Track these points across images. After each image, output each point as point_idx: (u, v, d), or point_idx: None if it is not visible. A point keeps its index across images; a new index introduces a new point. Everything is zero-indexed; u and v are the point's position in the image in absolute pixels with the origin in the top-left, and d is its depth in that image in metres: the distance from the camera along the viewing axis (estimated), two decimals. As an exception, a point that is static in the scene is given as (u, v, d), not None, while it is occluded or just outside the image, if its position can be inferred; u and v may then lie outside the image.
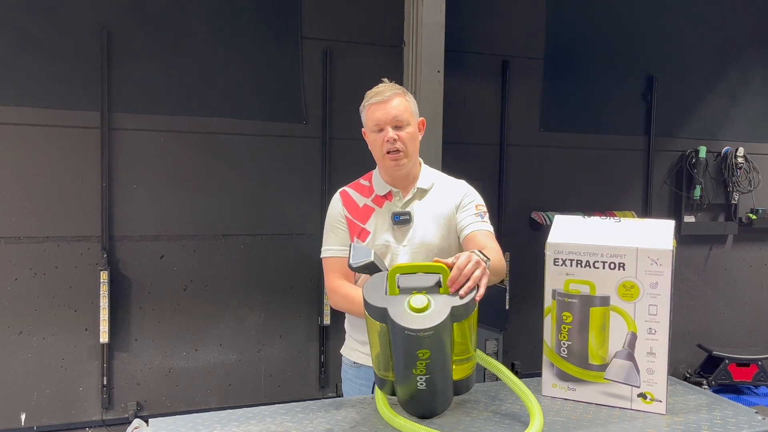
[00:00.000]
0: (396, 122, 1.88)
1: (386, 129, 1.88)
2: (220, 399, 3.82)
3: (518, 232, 4.43)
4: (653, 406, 1.54)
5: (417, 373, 1.37)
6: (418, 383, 1.39)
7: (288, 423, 1.46)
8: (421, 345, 1.33)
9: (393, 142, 1.87)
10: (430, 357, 1.34)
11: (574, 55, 4.53)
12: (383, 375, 1.49)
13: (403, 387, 1.44)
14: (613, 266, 1.56)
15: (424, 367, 1.36)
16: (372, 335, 1.46)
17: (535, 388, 1.69)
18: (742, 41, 4.93)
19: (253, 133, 3.80)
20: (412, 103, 1.95)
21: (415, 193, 1.97)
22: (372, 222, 1.96)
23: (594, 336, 1.58)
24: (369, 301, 1.39)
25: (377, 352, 1.47)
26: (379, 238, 1.94)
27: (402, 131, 1.88)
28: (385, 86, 1.93)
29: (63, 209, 3.49)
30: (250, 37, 3.78)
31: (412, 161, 1.95)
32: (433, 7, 3.76)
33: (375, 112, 1.89)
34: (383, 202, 1.97)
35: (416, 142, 1.95)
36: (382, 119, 1.88)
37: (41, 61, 3.41)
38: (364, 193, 2.01)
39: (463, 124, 4.18)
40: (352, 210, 1.99)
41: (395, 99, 1.89)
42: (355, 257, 1.57)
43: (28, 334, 3.46)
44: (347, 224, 1.98)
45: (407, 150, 1.90)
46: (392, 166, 1.91)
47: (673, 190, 4.87)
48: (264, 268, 3.86)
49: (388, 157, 1.90)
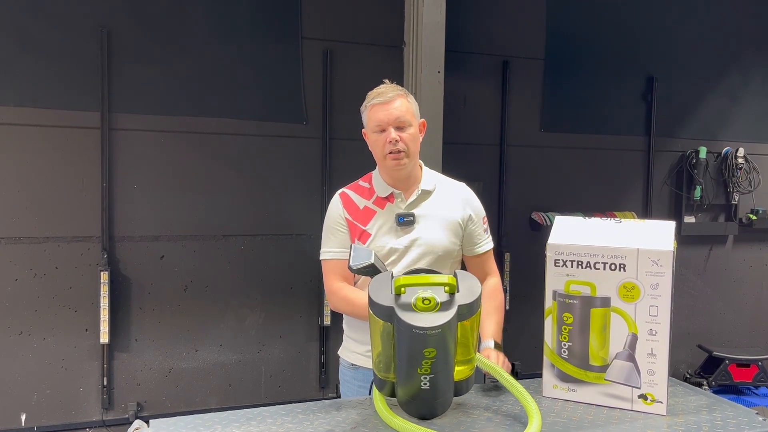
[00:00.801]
0: (398, 123, 1.88)
1: (388, 130, 1.88)
2: (220, 399, 3.81)
3: (518, 232, 4.43)
4: (654, 407, 1.54)
5: (421, 373, 1.38)
6: (422, 383, 1.39)
7: (289, 424, 1.46)
8: (428, 344, 1.33)
9: (395, 143, 1.87)
10: (435, 356, 1.35)
11: (574, 55, 4.53)
12: (384, 376, 1.49)
13: (406, 387, 1.44)
14: (613, 267, 1.56)
15: (429, 367, 1.37)
16: (374, 335, 1.46)
17: (536, 389, 1.69)
18: (742, 41, 4.93)
19: (253, 133, 3.80)
20: (414, 105, 1.95)
21: (419, 195, 1.97)
22: (373, 224, 1.95)
23: (595, 337, 1.58)
24: (375, 300, 1.39)
25: (378, 352, 1.47)
26: (381, 240, 1.93)
27: (404, 132, 1.89)
28: (387, 87, 1.93)
29: (63, 209, 3.48)
30: (251, 38, 3.77)
31: (413, 162, 1.95)
32: (434, 7, 3.76)
33: (377, 113, 1.89)
34: (385, 204, 1.97)
35: (417, 143, 1.95)
36: (385, 120, 1.88)
37: (41, 62, 3.41)
38: (364, 195, 2.00)
39: (464, 125, 4.18)
40: (352, 212, 1.98)
41: (397, 100, 1.89)
42: (355, 259, 1.58)
43: (29, 334, 3.46)
44: (348, 226, 1.97)
45: (409, 150, 1.90)
46: (393, 166, 1.91)
47: (673, 190, 4.86)
48: (264, 269, 3.86)
49: (390, 158, 1.89)
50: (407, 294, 1.39)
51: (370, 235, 1.94)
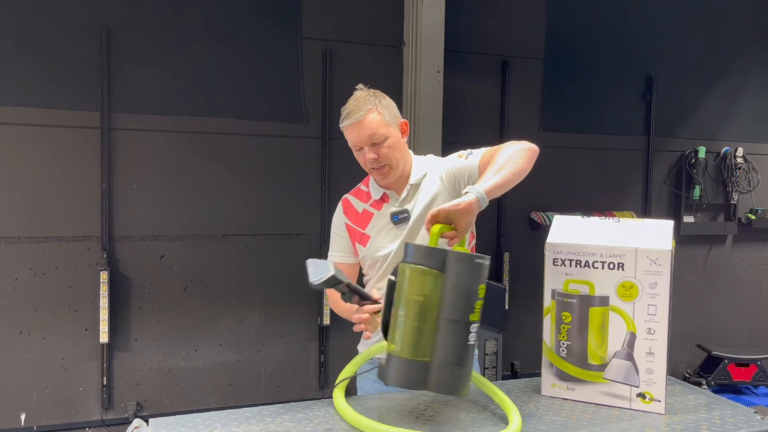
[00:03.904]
0: (373, 141, 1.87)
1: (364, 149, 1.88)
2: (219, 399, 3.82)
3: (518, 232, 4.44)
4: (652, 405, 1.54)
5: (473, 319, 1.41)
6: (470, 337, 1.41)
7: (288, 423, 1.47)
8: (483, 277, 1.42)
9: (373, 161, 1.88)
10: (484, 295, 1.41)
11: (573, 55, 4.53)
12: (420, 356, 1.41)
13: (453, 347, 1.41)
14: (612, 266, 1.56)
15: (479, 311, 1.41)
16: (410, 309, 1.41)
17: (535, 387, 1.70)
18: (741, 41, 4.94)
19: (253, 133, 3.80)
20: (388, 112, 1.90)
21: (410, 191, 1.97)
22: (372, 226, 1.99)
23: (593, 336, 1.59)
24: (424, 252, 1.43)
25: (413, 326, 1.41)
26: (381, 240, 1.96)
27: (381, 147, 1.88)
28: (357, 102, 1.89)
29: (63, 209, 3.49)
30: (250, 37, 3.78)
31: (401, 165, 1.94)
32: (433, 7, 3.76)
33: (350, 134, 1.90)
34: (381, 205, 2.00)
35: (399, 148, 1.93)
36: (359, 141, 1.89)
37: (41, 61, 3.41)
38: (363, 199, 2.04)
39: (463, 124, 4.18)
40: (352, 217, 2.03)
41: (368, 117, 1.86)
42: (315, 274, 1.51)
43: (28, 334, 3.46)
44: (347, 231, 2.03)
45: (391, 161, 1.90)
46: (380, 179, 1.96)
47: (672, 190, 4.87)
48: (264, 268, 3.86)
49: (374, 172, 1.93)
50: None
51: (369, 237, 1.98)
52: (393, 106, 1.95)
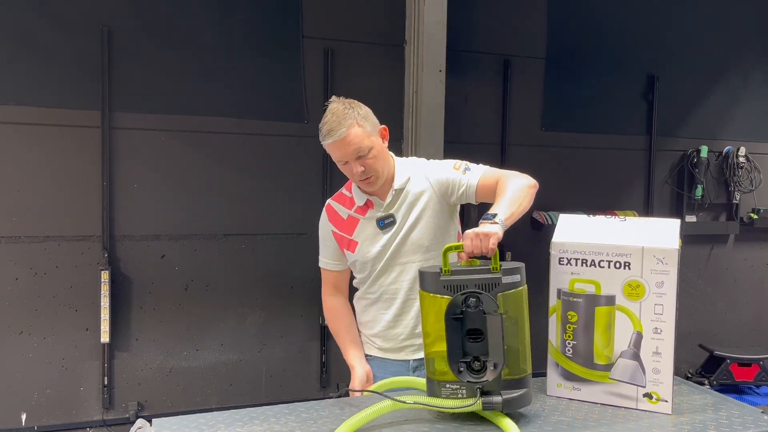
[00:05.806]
0: (358, 154, 1.86)
1: (350, 163, 1.88)
2: (221, 399, 3.81)
3: (519, 231, 4.36)
4: (659, 405, 1.53)
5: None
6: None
7: (292, 423, 1.46)
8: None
9: (361, 174, 1.88)
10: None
11: (575, 54, 4.53)
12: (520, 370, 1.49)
13: None
14: (618, 265, 1.55)
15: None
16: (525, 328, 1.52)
17: (540, 387, 1.69)
18: (743, 40, 4.93)
19: (255, 132, 3.79)
20: (367, 123, 1.88)
21: (394, 195, 1.96)
22: (359, 232, 1.99)
23: (599, 335, 1.58)
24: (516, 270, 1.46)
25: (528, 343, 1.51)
26: (369, 245, 1.97)
27: (367, 158, 1.87)
28: (336, 118, 1.85)
29: (63, 209, 3.47)
30: (251, 36, 3.76)
31: (385, 173, 1.94)
32: (435, 6, 3.75)
33: (334, 151, 1.88)
34: (366, 211, 1.99)
35: (383, 156, 1.93)
36: (343, 157, 1.87)
37: (42, 61, 3.39)
38: (346, 205, 2.04)
39: (465, 124, 4.17)
40: (337, 224, 2.03)
41: (350, 132, 1.83)
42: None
43: (29, 334, 3.45)
44: (335, 238, 2.04)
45: (377, 171, 1.90)
46: (366, 187, 1.95)
47: (674, 189, 4.86)
48: (264, 268, 3.85)
49: (361, 183, 1.93)
50: None
51: (357, 243, 1.99)
52: (370, 114, 1.93)
